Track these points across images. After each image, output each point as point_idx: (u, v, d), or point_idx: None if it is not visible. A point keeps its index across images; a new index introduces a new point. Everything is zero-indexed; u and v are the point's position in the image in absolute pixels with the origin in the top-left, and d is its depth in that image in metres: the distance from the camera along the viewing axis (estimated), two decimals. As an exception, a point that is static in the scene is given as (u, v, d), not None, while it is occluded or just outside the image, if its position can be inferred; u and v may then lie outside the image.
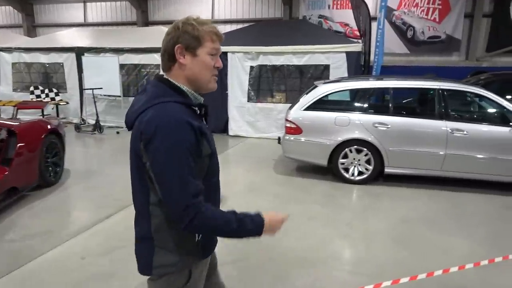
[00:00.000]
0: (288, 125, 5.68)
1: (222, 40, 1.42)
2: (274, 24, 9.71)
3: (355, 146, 5.38)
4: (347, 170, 5.49)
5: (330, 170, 5.67)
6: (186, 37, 1.35)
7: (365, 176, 5.42)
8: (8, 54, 10.49)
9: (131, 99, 9.58)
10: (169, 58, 1.37)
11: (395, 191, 5.26)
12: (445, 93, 5.19)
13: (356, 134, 5.32)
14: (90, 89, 8.92)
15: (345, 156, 5.45)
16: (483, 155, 4.98)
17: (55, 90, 10.06)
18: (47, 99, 9.89)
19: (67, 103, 9.99)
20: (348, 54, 7.83)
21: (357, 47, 7.80)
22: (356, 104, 5.53)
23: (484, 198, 4.99)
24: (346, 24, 10.85)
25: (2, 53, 10.52)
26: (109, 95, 9.41)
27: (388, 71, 10.54)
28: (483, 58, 10.16)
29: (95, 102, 9.04)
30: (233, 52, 8.58)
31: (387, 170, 5.36)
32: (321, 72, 8.08)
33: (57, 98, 10.00)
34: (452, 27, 10.18)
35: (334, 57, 7.95)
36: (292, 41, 8.26)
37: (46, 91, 10.00)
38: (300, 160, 5.92)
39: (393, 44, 10.77)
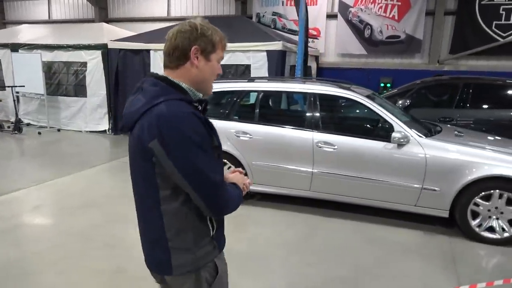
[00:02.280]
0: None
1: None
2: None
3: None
4: (210, 185, 4.72)
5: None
6: (204, 40, 1.36)
7: (228, 193, 4.62)
8: None
9: (61, 98, 9.17)
10: (180, 57, 1.37)
11: (259, 212, 4.46)
12: (317, 98, 4.34)
13: (216, 144, 4.53)
14: (9, 86, 8.52)
15: (208, 169, 4.68)
16: (354, 175, 4.10)
17: (-14, 88, 9.74)
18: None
19: (0, 100, 9.67)
20: (269, 53, 7.02)
21: (277, 45, 6.97)
22: (220, 109, 4.74)
23: (353, 227, 4.11)
24: (301, 22, 9.97)
25: None
26: (34, 93, 8.98)
27: (343, 74, 9.62)
28: (447, 60, 9.04)
29: (14, 100, 8.65)
30: (155, 50, 7.96)
31: (252, 187, 4.55)
32: (242, 73, 7.32)
33: (-11, 96, 9.68)
34: (413, 26, 9.10)
35: (255, 57, 7.17)
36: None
37: (-22, 88, 9.69)
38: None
39: (350, 45, 9.79)
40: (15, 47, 9.43)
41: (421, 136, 3.97)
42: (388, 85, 9.14)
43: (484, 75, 6.80)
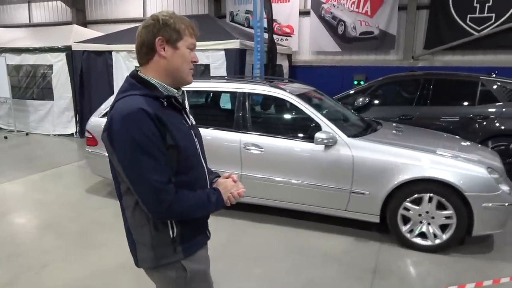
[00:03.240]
0: (86, 134, 4.80)
1: (198, 36, 1.47)
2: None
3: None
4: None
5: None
6: (167, 29, 1.36)
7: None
8: None
9: (29, 101, 9.05)
10: (148, 51, 1.38)
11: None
12: (246, 98, 4.11)
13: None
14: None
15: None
16: (282, 178, 3.88)
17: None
18: None
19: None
20: (227, 52, 6.81)
21: (235, 44, 6.76)
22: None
23: (280, 234, 3.89)
24: (274, 20, 9.74)
25: None
26: (3, 98, 8.88)
27: (317, 73, 9.38)
28: (422, 56, 8.72)
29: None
30: (117, 51, 7.80)
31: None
32: (202, 73, 7.12)
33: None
34: (386, 21, 8.79)
35: (214, 56, 6.97)
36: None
37: None
38: (103, 177, 4.97)
39: (324, 42, 9.51)
40: (-17, 51, 9.36)
41: (350, 136, 3.73)
42: (362, 82, 8.85)
43: (459, 71, 6.50)
